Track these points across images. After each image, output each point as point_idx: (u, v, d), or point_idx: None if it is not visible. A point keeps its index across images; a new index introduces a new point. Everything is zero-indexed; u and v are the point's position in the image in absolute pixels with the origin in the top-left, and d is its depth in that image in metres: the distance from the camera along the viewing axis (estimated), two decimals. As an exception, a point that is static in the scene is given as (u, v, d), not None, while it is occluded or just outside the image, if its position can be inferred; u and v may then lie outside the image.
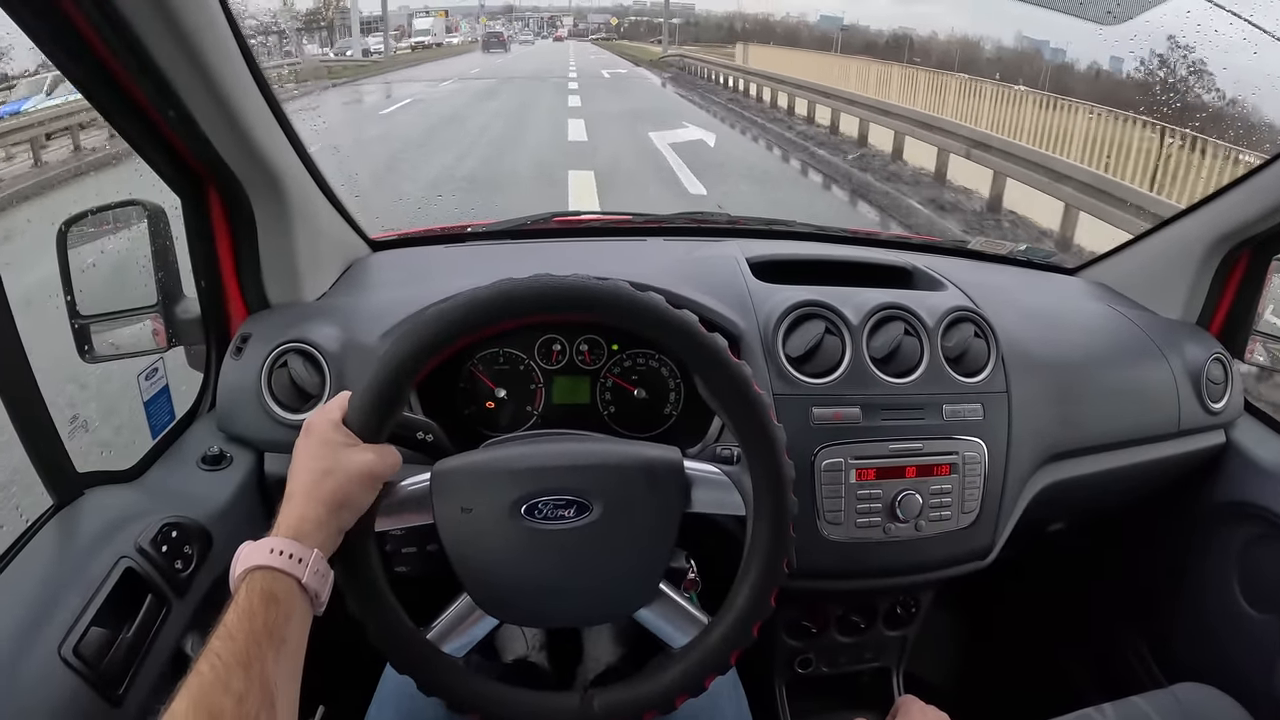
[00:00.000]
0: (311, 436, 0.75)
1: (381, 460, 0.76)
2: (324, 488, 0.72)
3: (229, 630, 0.62)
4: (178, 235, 1.13)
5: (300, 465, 0.74)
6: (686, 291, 1.15)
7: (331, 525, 0.72)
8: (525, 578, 0.82)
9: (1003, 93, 8.53)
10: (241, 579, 0.66)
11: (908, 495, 1.08)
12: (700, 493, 0.83)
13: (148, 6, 0.80)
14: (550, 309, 0.78)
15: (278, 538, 0.68)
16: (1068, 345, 1.29)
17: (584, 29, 41.79)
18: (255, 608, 0.64)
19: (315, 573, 0.68)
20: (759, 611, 0.80)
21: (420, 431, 0.90)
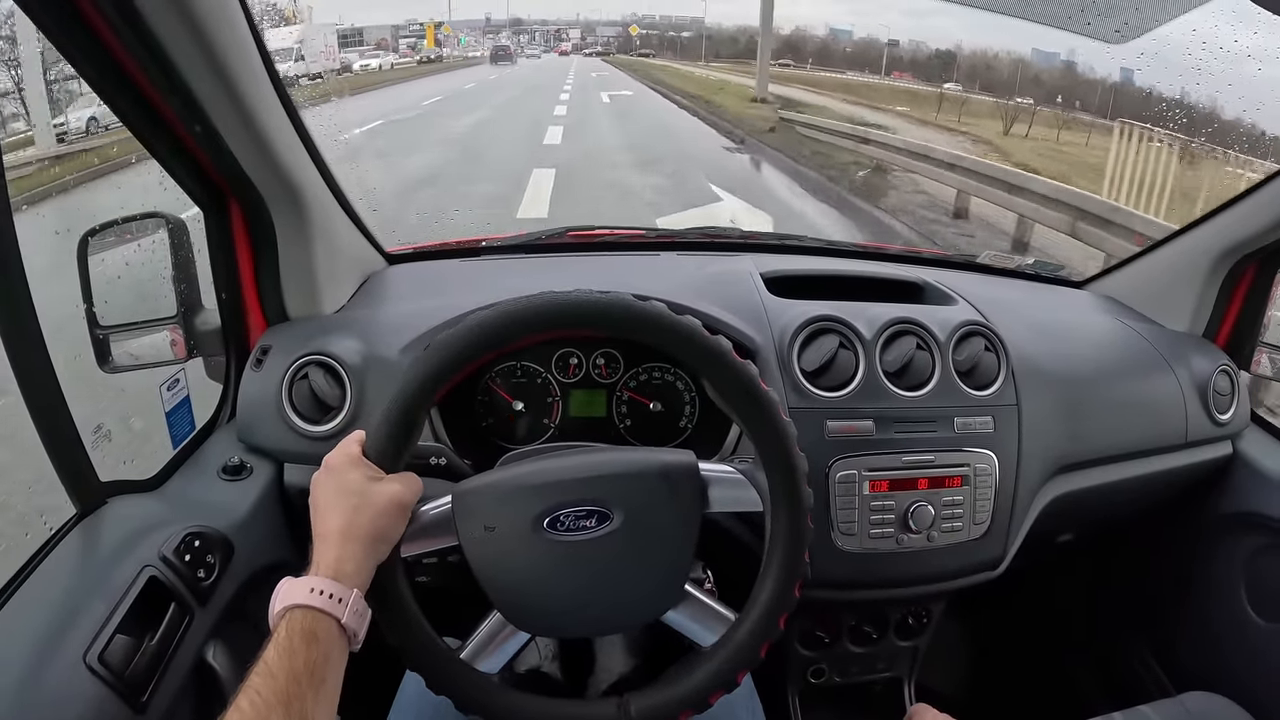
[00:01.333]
0: (334, 474, 0.76)
1: (407, 488, 0.78)
2: (358, 525, 0.73)
3: (269, 668, 0.63)
4: (198, 247, 1.14)
5: (328, 504, 0.74)
6: (702, 306, 1.16)
7: (369, 563, 0.73)
8: (553, 590, 0.83)
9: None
10: (281, 616, 0.67)
11: (920, 507, 1.09)
12: (717, 492, 0.84)
13: (179, 26, 0.82)
14: (554, 326, 0.79)
15: (318, 577, 0.69)
16: (1076, 358, 1.30)
17: (591, 43, 38.03)
18: (296, 646, 0.65)
19: (355, 613, 0.69)
20: (785, 603, 0.82)
21: (433, 457, 0.92)
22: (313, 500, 0.76)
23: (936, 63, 20.76)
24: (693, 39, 33.40)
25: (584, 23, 38.11)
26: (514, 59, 28.87)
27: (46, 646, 0.75)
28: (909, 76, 21.36)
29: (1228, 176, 5.47)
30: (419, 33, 42.90)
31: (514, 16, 35.59)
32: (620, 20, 36.75)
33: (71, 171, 3.14)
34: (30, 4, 0.76)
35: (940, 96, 15.06)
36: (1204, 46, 1.53)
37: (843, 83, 21.18)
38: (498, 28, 34.42)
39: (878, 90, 18.40)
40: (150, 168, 1.04)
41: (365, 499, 0.74)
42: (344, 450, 0.78)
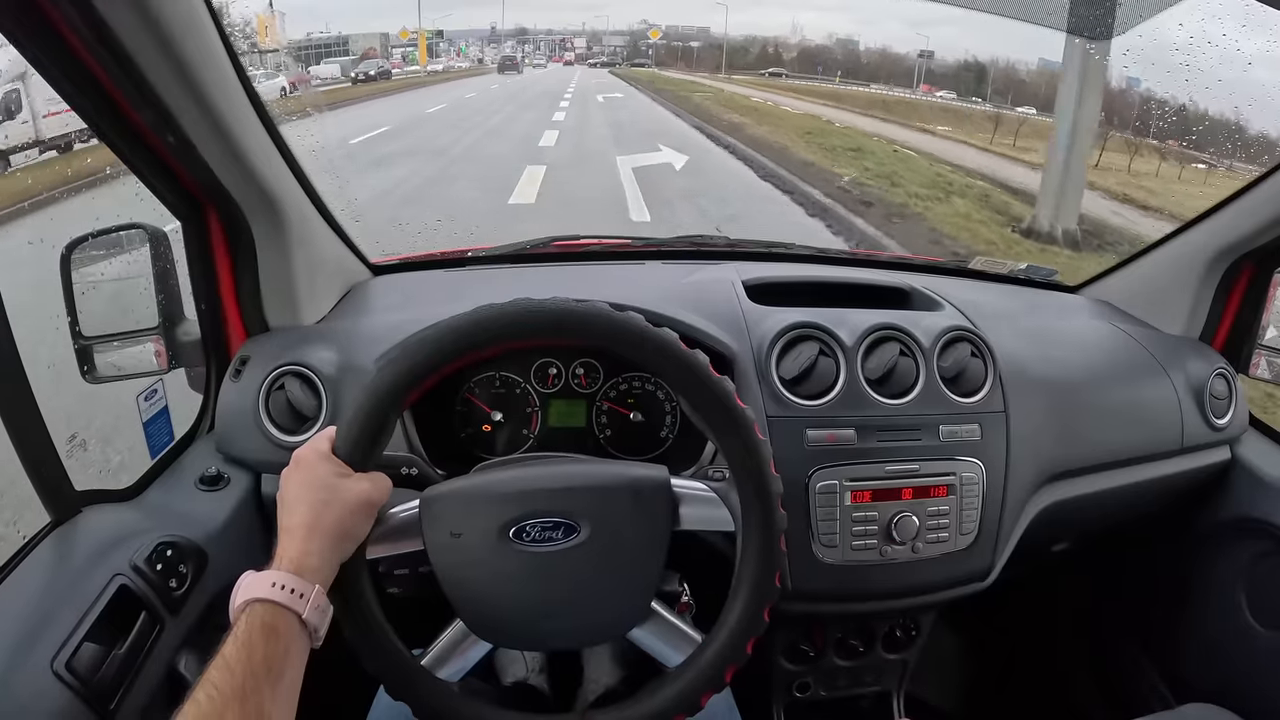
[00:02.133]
0: (302, 469, 0.76)
1: (376, 488, 0.77)
2: (325, 521, 0.73)
3: (227, 662, 0.62)
4: (178, 258, 1.14)
5: (295, 498, 0.74)
6: (681, 314, 1.15)
7: (333, 559, 0.73)
8: (516, 601, 0.82)
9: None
10: (241, 610, 0.67)
11: (904, 517, 1.07)
12: (688, 509, 0.83)
13: (147, 37, 0.82)
14: (530, 334, 0.79)
15: (280, 571, 0.69)
16: (1068, 364, 1.28)
17: (597, 52, 34.84)
18: (254, 641, 0.64)
19: (316, 608, 0.69)
20: (752, 627, 0.81)
21: (404, 467, 0.92)
22: (281, 494, 0.76)
23: (969, 76, 18.74)
24: (701, 49, 30.75)
25: (590, 32, 35.39)
26: (520, 68, 28.85)
27: (14, 653, 0.75)
28: (936, 89, 20.32)
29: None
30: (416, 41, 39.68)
31: (519, 26, 34.42)
32: (627, 30, 33.41)
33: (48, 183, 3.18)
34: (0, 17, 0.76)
35: (993, 118, 13.43)
36: (1191, 41, 1.51)
37: (877, 99, 18.88)
38: (502, 37, 33.60)
39: (917, 109, 16.55)
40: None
41: (333, 495, 0.74)
42: (314, 446, 0.78)
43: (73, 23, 0.79)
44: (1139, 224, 7.83)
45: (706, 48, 31.25)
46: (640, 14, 36.36)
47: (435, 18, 34.66)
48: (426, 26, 30.88)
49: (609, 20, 36.38)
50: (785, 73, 26.37)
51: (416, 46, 28.29)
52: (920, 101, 18.19)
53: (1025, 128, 12.65)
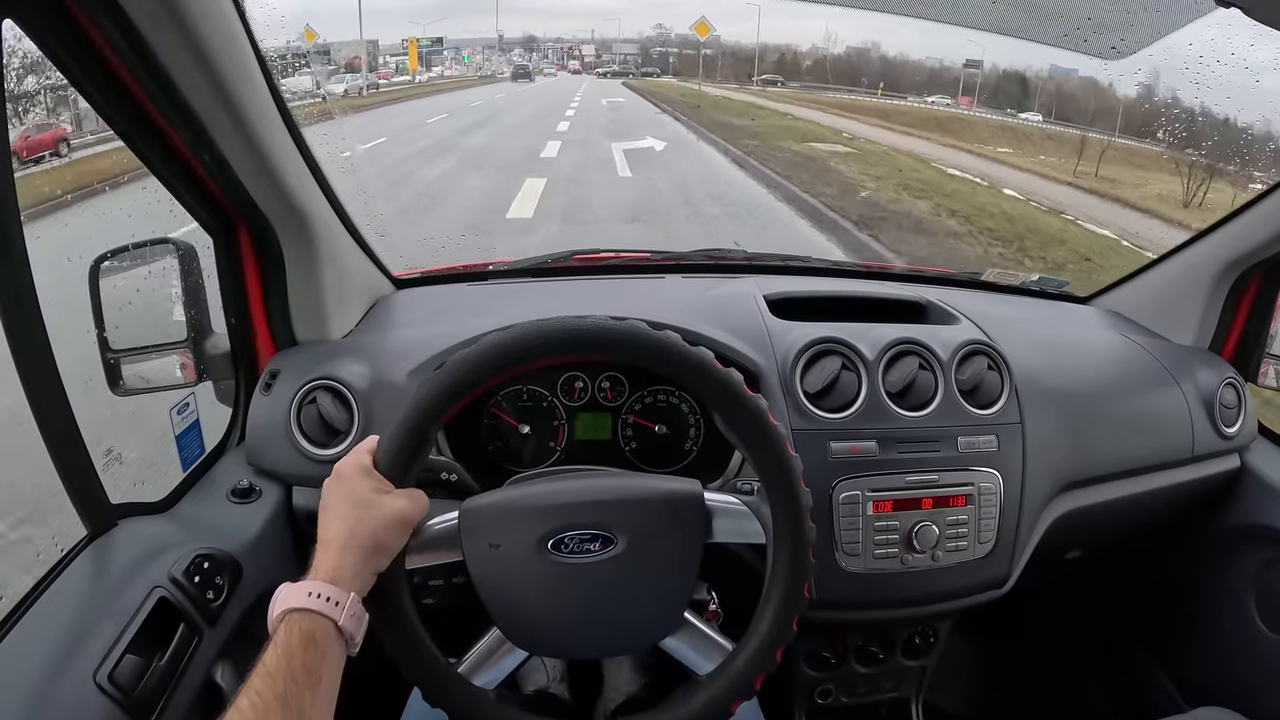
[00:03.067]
0: (343, 483, 0.78)
1: (413, 505, 0.79)
2: (359, 535, 0.74)
3: (268, 669, 0.64)
4: (207, 273, 1.16)
5: (334, 512, 0.76)
6: (705, 329, 1.17)
7: (366, 570, 0.74)
8: (553, 610, 0.84)
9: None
10: (280, 619, 0.69)
11: (924, 526, 1.09)
12: (721, 522, 0.85)
13: (186, 57, 0.84)
14: (569, 351, 0.81)
15: (316, 581, 0.70)
16: (1080, 375, 1.30)
17: (607, 60, 32.46)
18: (294, 648, 0.66)
19: (351, 615, 0.71)
20: (782, 636, 0.82)
21: (445, 472, 0.93)
22: (322, 505, 0.77)
23: (1014, 88, 17.35)
24: (711, 57, 28.70)
25: (600, 40, 33.79)
26: (532, 77, 28.73)
27: (57, 665, 0.76)
28: (971, 101, 19.27)
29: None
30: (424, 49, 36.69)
31: (527, 34, 33.35)
32: (638, 38, 31.53)
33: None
34: (41, 36, 0.78)
35: (1074, 143, 11.41)
36: (1201, 60, 1.53)
37: (929, 116, 16.98)
38: (510, 45, 32.78)
39: (972, 127, 14.90)
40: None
41: (370, 510, 0.76)
42: (355, 459, 0.80)
43: (114, 42, 0.81)
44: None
45: (715, 55, 28.56)
46: (653, 19, 34.10)
47: (449, 25, 32.60)
48: (427, 34, 28.81)
49: (620, 27, 34.13)
50: (781, 80, 24.92)
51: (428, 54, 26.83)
52: (974, 119, 16.67)
53: (1110, 152, 10.57)
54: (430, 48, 29.88)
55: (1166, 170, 8.38)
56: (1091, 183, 9.76)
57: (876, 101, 21.15)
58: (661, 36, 32.03)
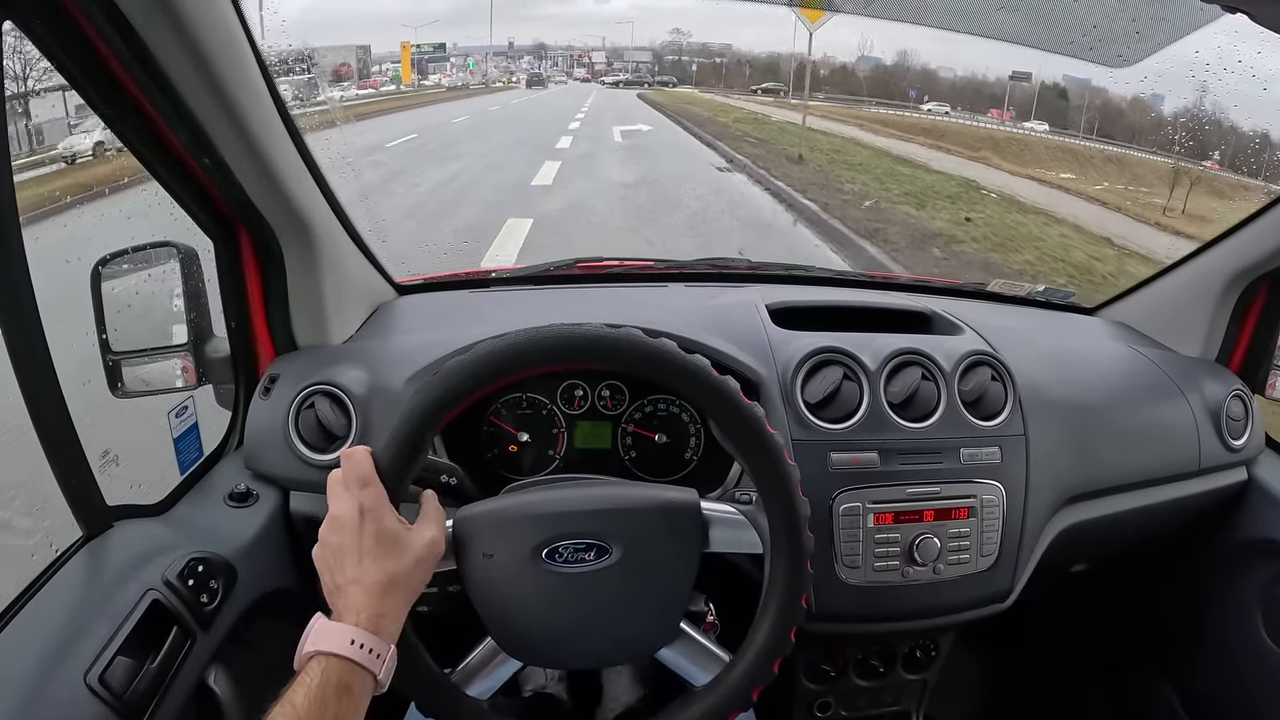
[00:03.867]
0: (371, 521, 0.74)
1: (439, 532, 0.78)
2: (399, 577, 0.73)
3: (297, 712, 0.63)
4: (208, 276, 1.16)
5: (365, 550, 0.73)
6: (706, 339, 1.16)
7: (405, 612, 0.74)
8: (548, 620, 0.84)
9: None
10: (311, 658, 0.67)
11: (926, 539, 1.08)
12: (718, 532, 0.85)
13: (186, 60, 0.84)
14: (565, 358, 0.80)
15: (359, 629, 0.69)
16: (1086, 386, 1.29)
17: (619, 69, 31.04)
18: (329, 698, 0.65)
19: (388, 669, 0.70)
20: (779, 648, 0.82)
21: (444, 475, 0.92)
22: (341, 546, 0.74)
23: (1058, 101, 15.61)
24: (736, 65, 27.20)
25: (611, 48, 32.87)
26: (546, 84, 28.72)
27: (48, 665, 0.76)
28: (1008, 115, 18.38)
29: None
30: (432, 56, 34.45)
31: (537, 41, 32.75)
32: (650, 46, 30.46)
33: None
34: (40, 37, 0.78)
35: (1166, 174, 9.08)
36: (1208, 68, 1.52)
37: (985, 137, 14.83)
38: (520, 52, 32.34)
39: (1032, 150, 13.19)
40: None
41: (408, 552, 0.75)
42: (376, 493, 0.76)
43: (112, 44, 0.81)
44: None
45: (733, 64, 27.10)
46: (667, 26, 32.39)
47: (459, 32, 31.65)
48: (429, 40, 27.56)
49: (633, 34, 32.82)
50: (783, 88, 23.88)
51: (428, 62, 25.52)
52: (1032, 139, 14.98)
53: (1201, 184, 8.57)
54: (431, 55, 28.73)
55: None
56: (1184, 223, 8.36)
57: (926, 119, 18.68)
58: (676, 44, 29.80)
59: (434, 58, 28.98)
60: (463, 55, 29.25)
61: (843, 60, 23.10)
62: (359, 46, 21.03)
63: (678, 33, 29.43)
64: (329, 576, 0.74)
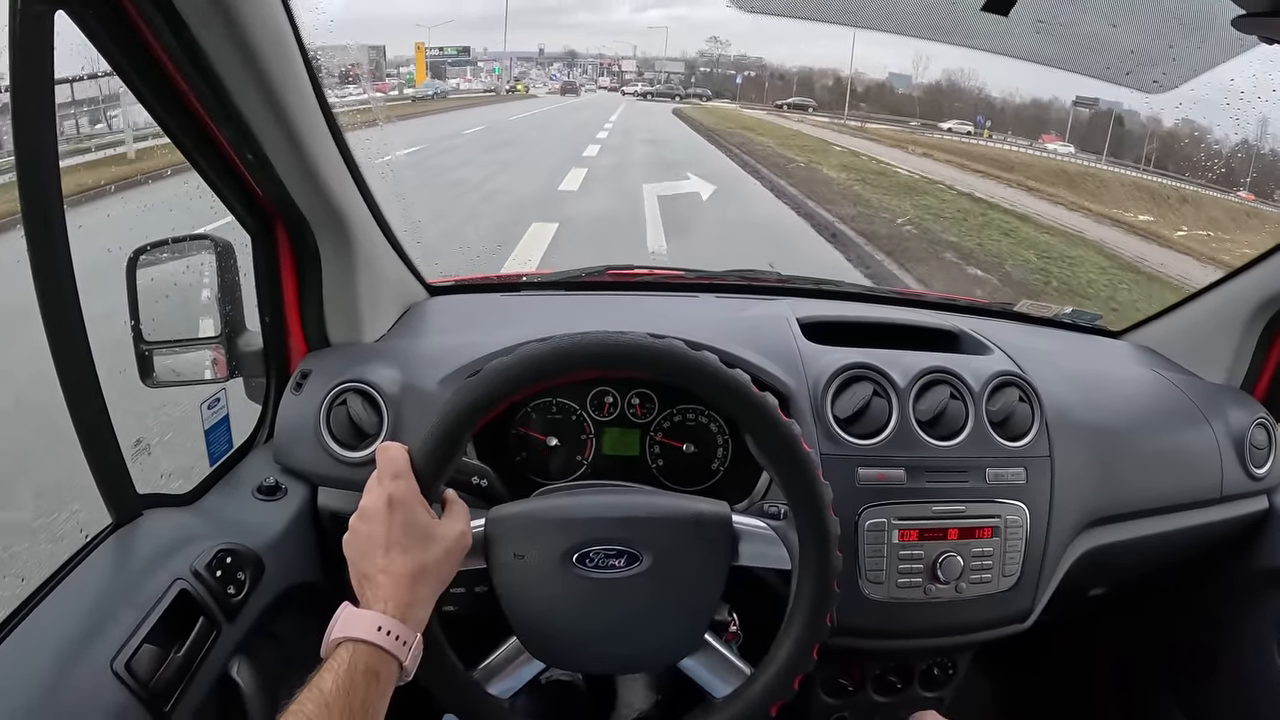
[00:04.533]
0: (399, 512, 0.75)
1: (467, 526, 0.79)
2: (429, 568, 0.74)
3: (325, 698, 0.63)
4: (244, 270, 1.17)
5: (393, 541, 0.74)
6: (738, 350, 1.16)
7: (431, 604, 0.75)
8: (574, 624, 0.84)
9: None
10: (338, 644, 0.68)
11: (949, 557, 1.08)
12: (747, 546, 0.85)
13: (235, 55, 0.86)
14: (608, 365, 0.81)
15: (387, 616, 0.70)
16: (1111, 410, 1.29)
17: (650, 79, 29.70)
18: (357, 683, 0.65)
19: (414, 656, 0.71)
20: (801, 664, 0.82)
21: (476, 476, 0.93)
22: (370, 535, 0.75)
23: (1116, 128, 14.87)
24: (774, 79, 26.12)
25: (642, 58, 32.06)
26: (579, 92, 28.57)
27: (75, 651, 0.76)
28: (1059, 139, 17.58)
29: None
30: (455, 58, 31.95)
31: (568, 48, 32.46)
32: (682, 56, 29.66)
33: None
34: (91, 29, 0.79)
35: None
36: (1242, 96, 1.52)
37: (1057, 170, 13.63)
38: (549, 59, 32.11)
39: (1105, 184, 12.18)
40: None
41: (436, 543, 0.75)
42: (406, 485, 0.76)
43: (163, 37, 0.82)
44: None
45: (780, 78, 25.27)
46: (703, 35, 31.65)
47: (492, 37, 31.25)
48: (453, 42, 27.05)
49: (666, 43, 32.20)
50: (812, 104, 22.68)
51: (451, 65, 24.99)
52: (1105, 174, 13.91)
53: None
54: (455, 57, 28.02)
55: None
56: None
57: (990, 148, 17.49)
58: (710, 54, 28.05)
59: (457, 60, 28.35)
60: (492, 60, 28.55)
61: (879, 78, 22.34)
62: (371, 47, 20.64)
63: (715, 41, 27.81)
64: (358, 566, 0.75)
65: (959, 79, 21.56)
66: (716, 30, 27.62)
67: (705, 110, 19.70)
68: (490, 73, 29.95)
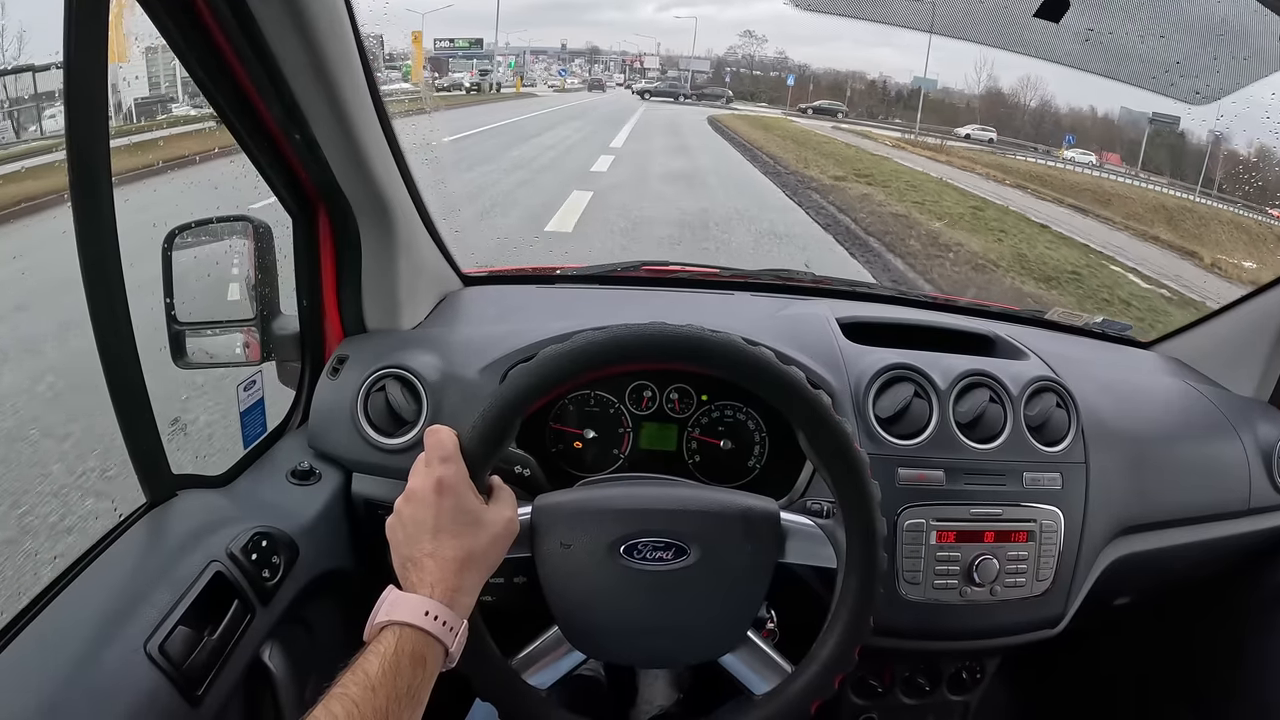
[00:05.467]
0: (448, 497, 0.74)
1: (515, 512, 0.79)
2: (477, 554, 0.73)
3: (371, 681, 0.62)
4: (282, 253, 1.16)
5: (441, 526, 0.73)
6: (781, 347, 1.16)
7: (480, 588, 0.74)
8: (618, 615, 0.83)
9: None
10: (384, 627, 0.67)
11: (985, 560, 1.08)
12: (794, 544, 0.85)
13: (293, 37, 0.85)
14: (665, 358, 0.80)
15: (434, 602, 0.69)
16: (1143, 418, 1.29)
17: (675, 78, 28.23)
18: (403, 667, 0.64)
19: (459, 641, 0.70)
20: (843, 663, 0.82)
21: (518, 466, 0.92)
22: (417, 519, 0.74)
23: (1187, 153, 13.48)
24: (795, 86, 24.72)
25: (666, 57, 31.28)
26: (604, 88, 28.38)
27: (108, 630, 0.75)
28: (1115, 158, 16.36)
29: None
30: (451, 52, 29.76)
31: (591, 45, 32.10)
32: (706, 56, 28.84)
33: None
34: (151, 5, 0.79)
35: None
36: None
37: (1155, 203, 12.25)
38: (572, 55, 31.88)
39: (1206, 222, 11.05)
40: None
41: (486, 529, 0.75)
42: (455, 469, 0.75)
43: (222, 19, 0.82)
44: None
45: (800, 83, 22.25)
46: (733, 30, 30.62)
47: (519, 34, 30.66)
48: (466, 34, 25.43)
49: (695, 41, 31.06)
50: (842, 109, 20.35)
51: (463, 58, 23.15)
52: (1202, 208, 12.51)
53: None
54: (468, 50, 26.91)
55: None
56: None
57: (1072, 175, 15.41)
58: (738, 53, 25.91)
59: (469, 54, 27.16)
60: (511, 53, 27.54)
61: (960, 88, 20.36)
62: (370, 36, 19.28)
63: (749, 36, 26.31)
64: (403, 549, 0.74)
65: (1019, 91, 20.23)
66: (745, 28, 26.91)
67: (754, 123, 15.37)
68: (506, 67, 29.15)
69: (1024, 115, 18.47)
